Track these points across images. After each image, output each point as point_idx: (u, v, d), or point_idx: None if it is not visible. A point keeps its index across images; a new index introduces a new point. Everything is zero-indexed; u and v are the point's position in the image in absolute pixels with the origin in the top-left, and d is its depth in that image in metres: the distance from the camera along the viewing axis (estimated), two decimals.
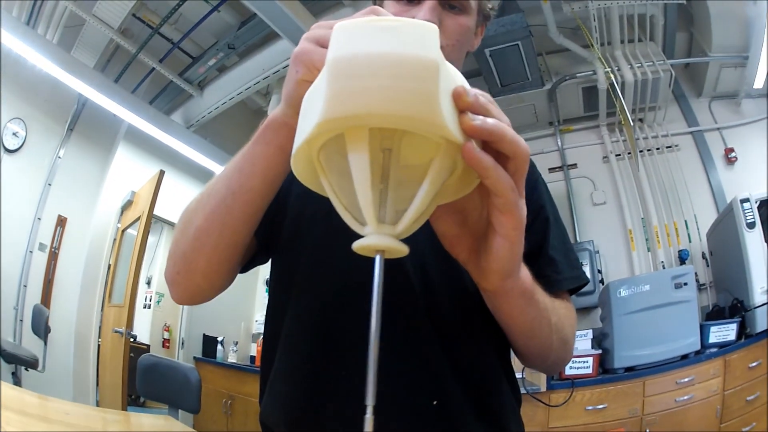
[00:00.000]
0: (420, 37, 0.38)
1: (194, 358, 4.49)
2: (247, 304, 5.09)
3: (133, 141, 4.16)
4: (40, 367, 3.19)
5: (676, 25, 3.97)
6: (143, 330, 5.29)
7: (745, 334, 3.06)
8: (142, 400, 4.68)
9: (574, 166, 4.41)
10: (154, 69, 3.86)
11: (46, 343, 3.30)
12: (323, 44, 0.44)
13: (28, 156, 3.61)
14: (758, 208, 3.19)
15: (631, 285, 3.25)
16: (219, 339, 4.55)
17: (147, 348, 4.99)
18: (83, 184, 3.90)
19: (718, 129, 4.10)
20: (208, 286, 0.73)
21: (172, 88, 4.12)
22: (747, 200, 3.19)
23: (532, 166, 0.91)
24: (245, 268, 0.82)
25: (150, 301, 5.72)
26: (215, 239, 0.64)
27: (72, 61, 3.39)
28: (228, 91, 3.99)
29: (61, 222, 3.69)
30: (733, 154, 3.97)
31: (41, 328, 3.31)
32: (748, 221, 3.14)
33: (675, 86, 4.05)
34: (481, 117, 0.40)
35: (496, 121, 0.41)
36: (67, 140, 3.80)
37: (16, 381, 3.13)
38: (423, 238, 0.55)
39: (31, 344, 3.35)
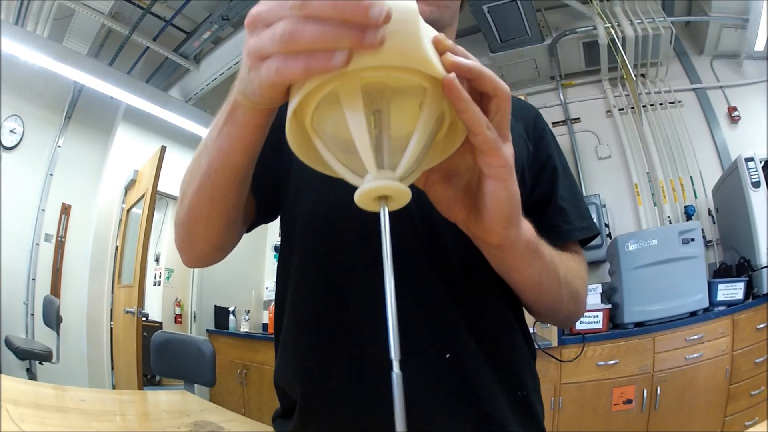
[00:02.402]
0: None
1: (207, 330, 4.55)
2: (256, 272, 5.12)
3: (132, 121, 4.14)
4: (54, 359, 3.21)
5: None
6: (155, 308, 5.32)
7: (752, 294, 3.06)
8: (158, 379, 4.73)
9: (578, 120, 4.36)
10: (148, 48, 3.80)
11: (58, 334, 3.32)
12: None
13: (27, 150, 3.61)
14: (763, 167, 3.15)
15: (638, 239, 3.24)
16: (230, 309, 4.58)
17: (159, 325, 5.03)
18: (85, 170, 3.90)
19: (720, 87, 4.04)
20: (212, 250, 0.73)
21: (168, 65, 4.07)
22: (752, 159, 3.16)
23: (539, 117, 0.91)
24: (251, 227, 0.82)
25: (159, 278, 5.75)
26: (207, 211, 0.64)
27: (64, 51, 3.37)
28: (225, 62, 3.95)
29: (66, 210, 3.69)
30: (736, 113, 3.91)
31: (53, 319, 3.33)
32: (753, 180, 3.12)
33: (676, 43, 3.98)
34: (460, 56, 0.41)
35: (475, 60, 0.42)
36: (65, 129, 3.79)
37: (31, 376, 3.16)
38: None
39: (43, 337, 3.39)
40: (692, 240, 3.12)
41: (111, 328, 3.95)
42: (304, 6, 0.35)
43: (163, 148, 3.66)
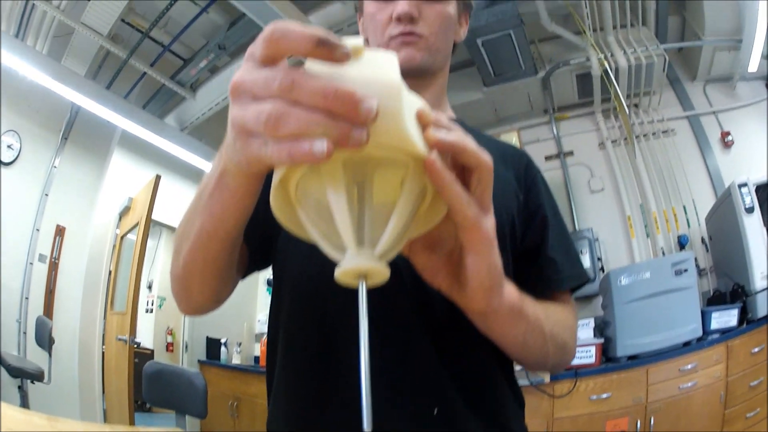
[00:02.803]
0: (381, 63, 0.39)
1: (198, 361, 4.53)
2: (249, 304, 5.12)
3: (128, 146, 4.16)
4: (45, 379, 3.20)
5: (667, 9, 3.94)
6: (146, 335, 5.31)
7: (746, 319, 3.06)
8: (148, 405, 4.70)
9: (571, 153, 4.40)
10: (145, 74, 3.84)
11: (50, 355, 3.30)
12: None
13: (24, 167, 3.61)
14: (756, 191, 3.17)
15: (631, 273, 3.26)
16: (222, 341, 4.58)
17: (151, 353, 5.00)
18: (80, 193, 3.90)
19: (713, 113, 4.08)
20: (207, 302, 0.75)
21: (164, 92, 4.10)
22: (745, 185, 3.17)
23: (530, 163, 0.92)
24: (245, 275, 0.84)
25: (152, 305, 5.73)
26: (201, 268, 0.65)
27: (63, 71, 3.38)
28: (221, 92, 3.97)
29: (60, 231, 3.69)
30: (729, 138, 3.95)
31: (45, 340, 3.32)
32: (747, 206, 3.13)
33: (669, 70, 4.04)
34: (443, 130, 0.41)
35: (459, 133, 0.42)
36: (61, 149, 3.79)
37: (23, 394, 3.14)
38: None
39: (36, 356, 3.37)
40: (685, 270, 3.14)
41: (102, 353, 3.93)
42: (293, 89, 0.35)
43: (158, 178, 3.68)
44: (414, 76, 0.78)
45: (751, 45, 3.54)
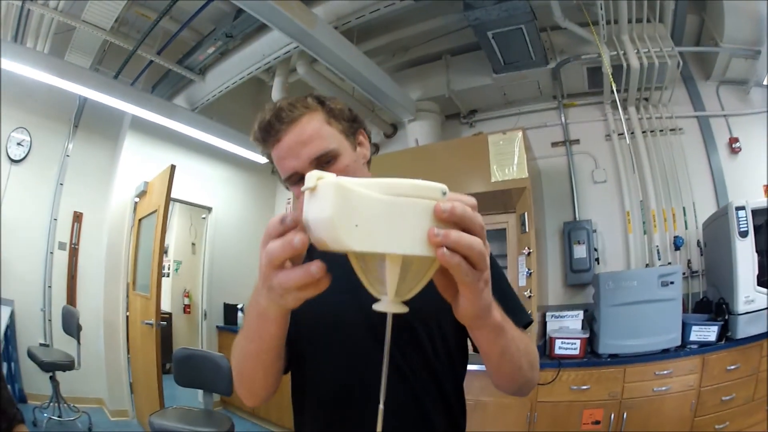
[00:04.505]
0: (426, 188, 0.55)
1: (217, 327, 4.80)
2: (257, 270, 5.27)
3: (140, 128, 4.20)
4: (76, 366, 3.49)
5: (686, 10, 3.77)
6: (164, 298, 5.50)
7: (726, 336, 3.18)
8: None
9: (577, 141, 4.36)
10: (152, 61, 3.81)
11: (79, 342, 3.56)
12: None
13: (37, 161, 3.74)
14: (754, 214, 3.19)
15: (619, 280, 3.41)
16: (239, 306, 4.81)
17: (169, 316, 5.30)
18: (95, 178, 4.03)
19: (724, 116, 4.00)
20: (269, 394, 0.95)
21: (173, 75, 4.08)
22: (743, 208, 3.19)
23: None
24: (287, 369, 1.04)
25: (168, 269, 5.97)
26: (262, 374, 0.89)
27: (66, 67, 3.39)
28: (231, 75, 3.94)
29: (77, 218, 3.87)
30: (737, 144, 3.90)
31: (73, 328, 3.57)
32: (741, 230, 3.17)
33: (683, 68, 3.91)
34: (443, 232, 0.53)
35: (455, 233, 0.54)
36: (73, 137, 3.87)
37: (55, 385, 3.42)
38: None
39: (61, 341, 3.66)
40: (671, 283, 3.25)
41: (127, 331, 4.18)
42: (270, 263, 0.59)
43: (173, 168, 3.77)
44: None
45: None
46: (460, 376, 1.08)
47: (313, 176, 0.55)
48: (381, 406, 0.63)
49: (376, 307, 0.59)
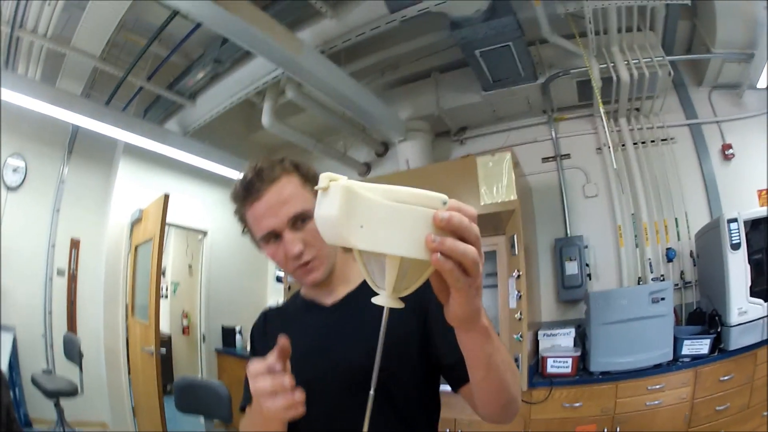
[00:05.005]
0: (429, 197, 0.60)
1: (215, 350, 4.87)
2: (259, 291, 5.41)
3: (133, 153, 4.22)
4: (79, 392, 3.53)
5: (678, 16, 3.73)
6: (162, 319, 5.58)
7: (719, 348, 3.20)
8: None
9: (568, 156, 4.36)
10: (142, 88, 3.84)
11: (81, 369, 3.62)
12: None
13: (33, 187, 3.76)
14: (747, 224, 3.19)
15: (609, 299, 3.45)
16: (237, 329, 4.88)
17: (168, 337, 5.37)
18: (91, 203, 4.07)
19: (717, 122, 3.98)
20: None
21: (163, 100, 4.09)
22: (735, 220, 3.18)
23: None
24: None
25: (166, 291, 6.03)
26: None
27: (58, 95, 3.39)
28: (221, 99, 3.96)
29: (75, 244, 3.91)
30: (730, 151, 3.88)
31: (74, 355, 3.64)
32: (733, 242, 3.16)
33: (675, 75, 3.87)
34: (439, 239, 0.57)
35: (450, 242, 0.57)
36: (68, 163, 3.90)
37: (59, 411, 3.46)
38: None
39: (64, 367, 3.71)
40: (662, 299, 3.28)
41: (128, 357, 4.24)
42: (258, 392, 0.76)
43: (167, 197, 3.81)
44: (326, 284, 1.12)
45: (763, 62, 3.42)
46: (434, 421, 1.14)
47: (325, 177, 0.60)
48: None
49: (375, 300, 0.64)
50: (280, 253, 1.07)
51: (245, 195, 1.07)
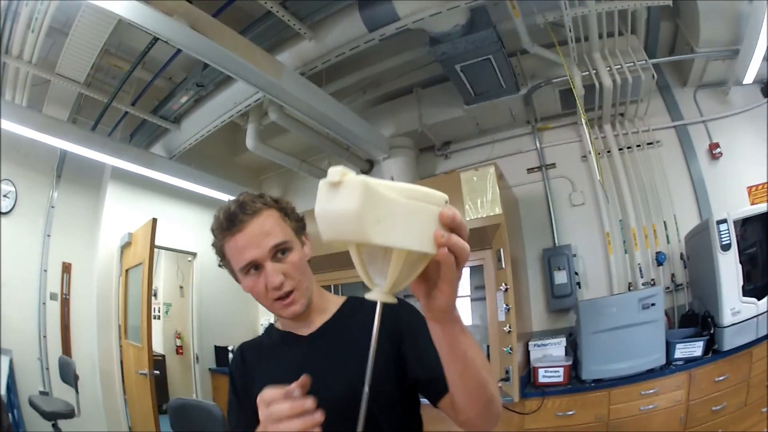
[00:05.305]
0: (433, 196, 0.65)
1: (209, 369, 4.87)
2: (250, 312, 5.41)
3: (121, 177, 4.24)
4: (76, 414, 3.59)
5: (659, 19, 3.74)
6: (156, 340, 5.57)
7: (712, 349, 3.19)
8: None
9: (553, 165, 4.37)
10: (127, 113, 3.86)
11: (77, 391, 3.67)
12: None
13: (23, 213, 3.79)
14: (738, 222, 3.19)
15: (599, 307, 3.43)
16: (230, 348, 4.88)
17: (162, 358, 5.38)
18: (81, 228, 4.11)
19: (703, 122, 3.98)
20: None
21: (149, 124, 4.11)
22: (724, 221, 3.18)
23: (398, 312, 1.12)
24: None
25: (159, 312, 6.08)
26: None
27: (45, 121, 3.41)
28: (205, 122, 3.96)
29: (66, 268, 3.93)
30: (718, 150, 3.89)
31: (70, 377, 3.68)
32: (724, 243, 3.16)
33: (659, 77, 3.89)
34: (447, 235, 0.63)
35: (456, 238, 0.64)
36: (57, 188, 3.93)
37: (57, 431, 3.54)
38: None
39: (60, 389, 3.74)
40: (652, 305, 3.26)
41: (123, 378, 4.26)
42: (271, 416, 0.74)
43: (155, 221, 3.84)
44: (304, 315, 1.14)
45: (749, 57, 3.39)
46: None
47: (337, 172, 0.58)
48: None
49: (369, 296, 0.66)
50: (261, 284, 1.08)
51: (229, 225, 1.09)
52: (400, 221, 0.59)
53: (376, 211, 0.57)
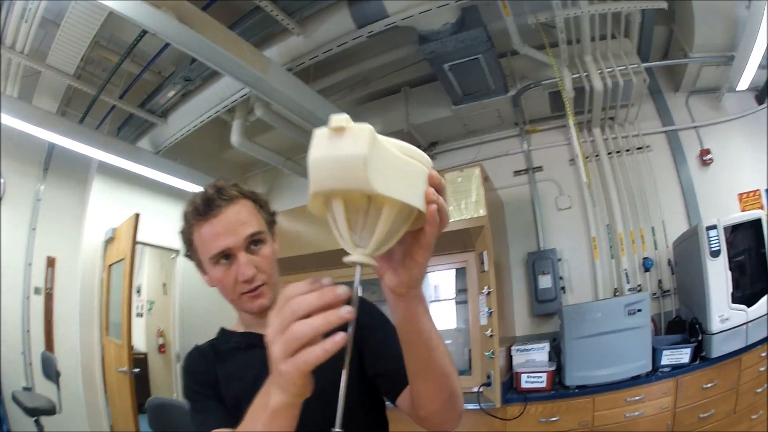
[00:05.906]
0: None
1: None
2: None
3: (107, 171, 4.20)
4: (57, 410, 3.56)
5: (653, 22, 3.72)
6: (138, 339, 5.63)
7: (700, 356, 3.16)
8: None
9: (540, 168, 4.33)
10: (114, 106, 3.85)
11: (59, 387, 3.65)
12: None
13: (10, 204, 3.76)
14: (728, 229, 3.17)
15: (583, 312, 3.40)
16: None
17: (144, 356, 5.34)
18: (66, 221, 4.06)
19: (694, 128, 3.95)
20: None
21: (136, 118, 4.10)
22: (714, 227, 3.16)
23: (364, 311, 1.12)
24: None
25: (141, 309, 6.04)
26: None
27: (34, 113, 3.38)
28: (192, 117, 3.93)
29: (51, 263, 3.91)
30: (708, 156, 3.87)
31: (52, 373, 3.66)
32: (713, 249, 3.14)
33: (651, 82, 3.87)
34: (436, 194, 0.63)
35: (442, 199, 0.65)
36: (43, 181, 3.92)
37: (40, 428, 3.51)
38: None
39: (43, 385, 3.72)
40: (639, 311, 3.24)
41: (104, 373, 4.23)
42: (295, 314, 0.57)
43: (137, 216, 3.81)
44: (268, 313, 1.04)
45: (744, 63, 3.36)
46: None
47: (342, 118, 0.57)
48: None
49: (348, 259, 0.62)
50: (230, 275, 1.05)
51: (205, 210, 1.05)
52: (397, 175, 0.59)
53: (379, 161, 0.56)
